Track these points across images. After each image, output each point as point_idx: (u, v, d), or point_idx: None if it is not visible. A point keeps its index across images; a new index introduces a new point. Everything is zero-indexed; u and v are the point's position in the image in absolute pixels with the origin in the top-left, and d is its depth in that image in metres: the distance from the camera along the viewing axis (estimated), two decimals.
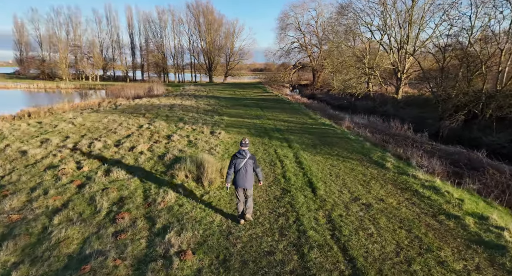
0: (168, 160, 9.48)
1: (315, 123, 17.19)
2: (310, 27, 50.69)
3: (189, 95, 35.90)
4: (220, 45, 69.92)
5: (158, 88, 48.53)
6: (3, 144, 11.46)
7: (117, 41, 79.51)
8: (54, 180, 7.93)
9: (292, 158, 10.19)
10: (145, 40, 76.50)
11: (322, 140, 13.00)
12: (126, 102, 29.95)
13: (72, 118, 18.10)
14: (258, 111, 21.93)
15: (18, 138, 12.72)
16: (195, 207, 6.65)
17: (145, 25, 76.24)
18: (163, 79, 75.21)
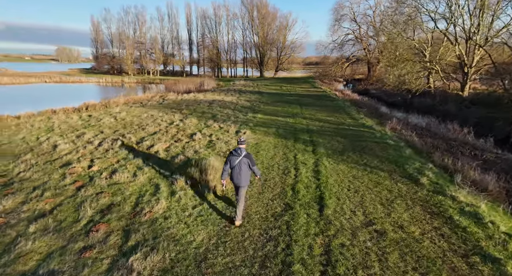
0: (178, 162, 9.24)
1: (353, 124, 15.64)
2: (366, 17, 47.12)
3: (234, 90, 36.03)
4: (272, 39, 69.09)
5: (209, 83, 49.84)
6: (45, 137, 12.47)
7: (176, 37, 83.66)
8: (58, 180, 8.10)
9: (310, 166, 9.21)
10: (201, 36, 79.14)
11: (354, 144, 11.66)
12: (174, 97, 31.14)
13: (117, 113, 19.16)
14: (296, 109, 20.87)
15: (62, 131, 13.76)
16: (180, 222, 6.16)
17: (201, 21, 78.82)
18: (216, 74, 77.27)
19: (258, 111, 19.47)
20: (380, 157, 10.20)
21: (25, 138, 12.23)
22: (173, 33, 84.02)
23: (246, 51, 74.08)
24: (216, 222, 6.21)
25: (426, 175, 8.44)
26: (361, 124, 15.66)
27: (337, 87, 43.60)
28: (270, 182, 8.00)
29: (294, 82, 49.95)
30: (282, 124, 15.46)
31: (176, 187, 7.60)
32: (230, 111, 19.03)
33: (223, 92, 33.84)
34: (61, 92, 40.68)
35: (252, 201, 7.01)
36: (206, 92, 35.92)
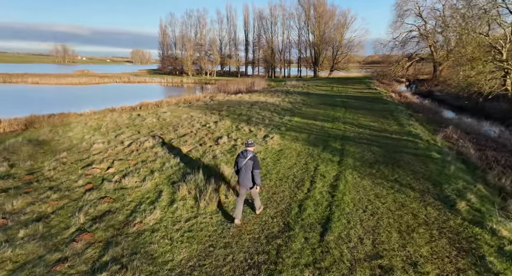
0: (192, 168, 9.17)
1: (398, 131, 14.02)
2: (434, 12, 42.44)
3: (282, 91, 35.52)
4: (328, 37, 66.73)
5: (260, 83, 50.08)
6: (89, 135, 13.58)
7: (233, 38, 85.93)
8: (73, 181, 8.40)
9: (330, 179, 8.37)
10: (257, 37, 79.99)
11: (389, 156, 10.36)
12: (222, 97, 31.86)
13: (163, 113, 20.13)
14: (340, 112, 19.58)
15: (106, 130, 14.86)
16: (166, 237, 5.85)
17: (258, 22, 79.64)
18: (269, 74, 77.40)
19: (297, 114, 18.74)
20: (416, 172, 8.87)
21: (72, 136, 13.46)
22: (230, 35, 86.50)
23: (301, 51, 72.78)
24: (203, 240, 5.80)
25: (466, 199, 7.03)
26: (407, 131, 13.96)
27: (395, 88, 40.18)
28: (277, 196, 7.42)
29: (348, 82, 47.45)
30: (317, 129, 14.56)
31: (177, 196, 7.37)
32: (268, 113, 18.64)
33: (270, 93, 33.57)
34: (126, 91, 44.51)
35: (250, 217, 6.53)
36: (254, 93, 36.05)
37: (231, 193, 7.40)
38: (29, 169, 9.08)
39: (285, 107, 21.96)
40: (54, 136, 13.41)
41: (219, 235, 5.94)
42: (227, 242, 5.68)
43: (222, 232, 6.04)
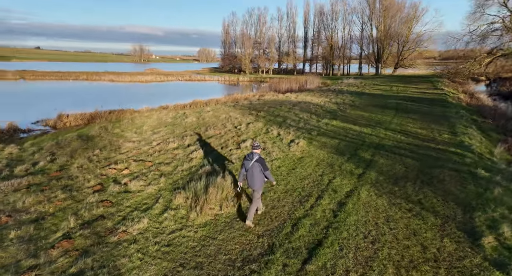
0: (201, 173, 8.98)
1: (447, 141, 12.24)
2: None
3: (334, 91, 34.00)
4: (395, 32, 61.61)
5: (313, 81, 48.78)
6: (130, 133, 14.66)
7: (292, 36, 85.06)
8: (87, 180, 8.67)
9: (341, 195, 7.66)
10: (316, 33, 77.83)
11: (423, 171, 9.09)
12: (270, 96, 31.78)
13: (207, 112, 20.82)
14: (388, 116, 17.91)
15: (147, 128, 15.90)
16: (141, 250, 5.67)
17: (318, 18, 77.37)
18: (327, 72, 74.79)
19: (337, 117, 17.69)
20: (447, 193, 7.62)
21: (116, 133, 14.68)
22: (289, 32, 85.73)
23: (362, 47, 68.61)
24: (177, 257, 5.52)
25: (498, 233, 5.79)
26: (457, 142, 12.12)
27: (468, 88, 35.34)
28: (274, 212, 6.98)
29: (413, 81, 43.29)
30: (353, 135, 13.52)
31: (173, 204, 7.24)
32: (307, 115, 17.94)
33: (320, 93, 32.38)
34: (185, 89, 47.13)
35: (235, 234, 6.19)
36: (304, 92, 35.18)
37: (228, 204, 7.20)
38: (62, 165, 9.94)
39: (328, 108, 20.93)
40: (101, 132, 14.78)
41: (196, 253, 5.65)
42: (199, 262, 5.38)
43: (200, 249, 5.75)
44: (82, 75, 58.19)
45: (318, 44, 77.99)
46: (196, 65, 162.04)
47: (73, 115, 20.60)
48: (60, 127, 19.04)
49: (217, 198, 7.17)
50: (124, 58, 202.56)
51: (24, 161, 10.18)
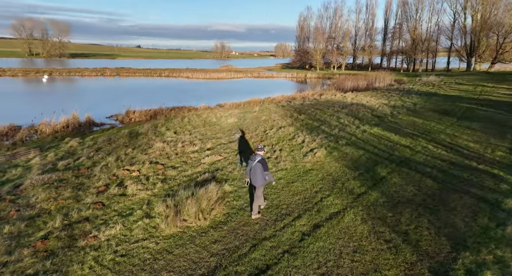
0: (198, 181, 9.10)
1: (495, 161, 10.30)
2: None
3: (401, 91, 31.20)
4: (495, 21, 52.38)
5: (384, 78, 45.32)
6: (171, 132, 16.13)
7: (370, 28, 79.65)
8: (98, 180, 9.15)
9: (322, 217, 7.16)
10: (398, 25, 71.31)
11: (434, 196, 7.96)
12: (328, 96, 30.85)
13: (251, 112, 21.47)
14: (444, 124, 15.81)
15: (190, 127, 17.26)
16: (97, 258, 5.85)
17: (401, 8, 70.69)
18: (408, 67, 67.96)
19: (382, 124, 16.34)
20: (447, 225, 6.64)
21: (160, 131, 16.34)
22: (368, 25, 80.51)
23: (452, 40, 60.15)
24: (124, 269, 5.59)
25: None
26: (508, 163, 10.13)
27: None
28: (243, 229, 6.80)
29: (509, 79, 36.48)
30: (384, 146, 12.45)
31: (153, 212, 7.34)
32: (348, 121, 17.03)
33: (384, 93, 30.00)
34: (249, 86, 48.34)
35: (191, 251, 6.14)
36: (367, 91, 33.05)
37: (203, 216, 7.12)
38: (95, 162, 10.96)
39: (379, 112, 19.40)
40: (149, 130, 16.61)
41: (143, 267, 5.67)
42: None
43: (149, 263, 5.76)
44: (165, 72, 64.88)
45: (399, 37, 71.40)
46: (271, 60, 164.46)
47: (139, 111, 23.39)
48: (126, 122, 21.91)
49: (193, 210, 7.09)
50: (207, 55, 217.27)
51: (75, 155, 12.21)
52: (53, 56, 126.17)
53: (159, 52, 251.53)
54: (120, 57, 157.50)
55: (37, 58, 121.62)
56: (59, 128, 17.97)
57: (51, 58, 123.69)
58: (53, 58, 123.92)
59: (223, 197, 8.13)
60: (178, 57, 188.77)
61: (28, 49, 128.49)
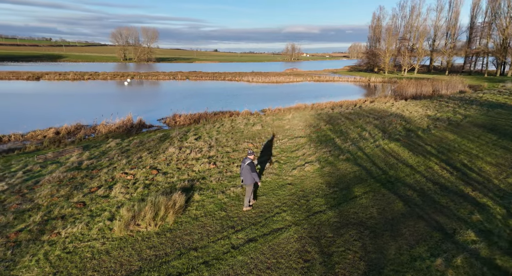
0: (179, 187, 9.74)
1: (499, 188, 9.12)
2: None
3: (464, 100, 28.02)
4: None
5: (456, 85, 40.75)
6: (193, 138, 17.80)
7: (453, 28, 71.48)
8: (98, 181, 10.11)
9: (257, 233, 7.80)
10: (486, 24, 62.48)
11: (391, 220, 7.66)
12: (373, 104, 29.52)
13: (282, 119, 22.04)
14: (477, 143, 14.13)
15: (215, 133, 18.69)
16: (48, 252, 6.55)
17: (491, 4, 61.77)
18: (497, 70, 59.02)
19: (405, 139, 15.35)
20: (377, 251, 6.52)
21: (184, 137, 18.14)
22: (450, 23, 72.23)
23: None
24: (62, 264, 6.22)
25: None
26: (510, 191, 8.90)
27: None
28: (172, 241, 7.13)
29: None
30: (385, 164, 11.93)
31: (118, 214, 7.90)
32: (370, 133, 16.39)
33: (438, 103, 27.33)
34: (303, 91, 48.14)
35: (126, 254, 6.65)
36: (422, 100, 30.38)
37: (155, 223, 7.60)
38: (111, 164, 12.53)
39: (413, 126, 18.08)
40: (178, 135, 18.62)
41: (77, 265, 6.29)
42: (70, 273, 6.06)
43: (86, 262, 6.37)
44: (228, 76, 68.72)
45: (487, 37, 62.50)
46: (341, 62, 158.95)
47: (184, 115, 25.94)
48: (171, 125, 24.61)
49: (148, 216, 7.61)
50: (278, 58, 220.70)
51: (105, 155, 14.61)
52: (142, 61, 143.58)
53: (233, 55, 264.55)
54: (198, 61, 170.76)
55: (130, 62, 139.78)
56: (113, 129, 21.28)
57: (141, 62, 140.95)
58: (142, 62, 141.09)
59: (186, 205, 8.70)
60: (249, 60, 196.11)
61: (123, 55, 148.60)
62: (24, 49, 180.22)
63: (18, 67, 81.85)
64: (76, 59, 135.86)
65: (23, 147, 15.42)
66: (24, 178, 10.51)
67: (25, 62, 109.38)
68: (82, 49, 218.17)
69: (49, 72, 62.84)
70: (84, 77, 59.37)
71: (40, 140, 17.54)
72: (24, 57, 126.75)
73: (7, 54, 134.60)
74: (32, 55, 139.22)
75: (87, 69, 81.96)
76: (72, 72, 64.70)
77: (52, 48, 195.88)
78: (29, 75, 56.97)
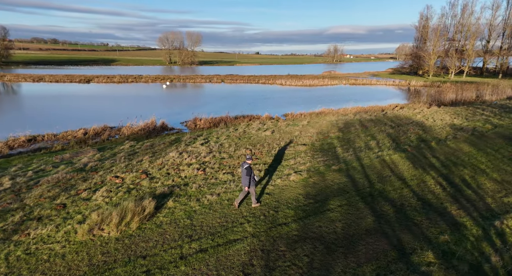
0: (156, 193, 9.97)
1: (489, 208, 8.32)
2: None
3: (504, 108, 25.29)
4: None
5: (504, 90, 37.01)
6: (199, 143, 18.44)
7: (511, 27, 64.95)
8: (87, 184, 10.71)
9: (204, 245, 8.00)
10: None
11: (352, 237, 7.40)
12: (406, 110, 28.01)
13: (295, 125, 21.94)
14: (491, 156, 12.92)
15: (223, 137, 19.20)
16: (11, 252, 6.93)
17: None
18: None
19: (413, 150, 14.49)
20: (326, 268, 6.41)
21: (192, 141, 18.85)
22: (507, 23, 65.57)
23: None
24: (18, 265, 6.53)
25: None
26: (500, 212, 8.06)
27: None
28: (126, 248, 7.30)
29: None
30: (376, 176, 11.43)
31: (89, 218, 8.20)
32: (378, 143, 15.73)
33: (472, 110, 25.23)
34: (334, 94, 46.78)
35: (80, 259, 6.80)
36: (457, 107, 28.10)
37: (118, 229, 7.80)
38: (112, 166, 13.49)
39: (430, 136, 16.96)
40: (187, 140, 19.41)
41: (30, 266, 6.55)
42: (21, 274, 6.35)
43: (40, 264, 6.63)
44: (262, 79, 69.26)
45: None
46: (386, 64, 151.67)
47: (204, 119, 26.87)
48: (191, 128, 25.66)
49: (113, 222, 7.82)
50: (319, 59, 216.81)
51: (112, 157, 15.76)
52: (186, 64, 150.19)
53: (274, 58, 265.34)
54: (238, 64, 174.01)
55: (174, 65, 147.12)
56: (136, 131, 22.81)
57: (184, 65, 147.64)
58: (185, 65, 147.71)
59: (156, 212, 8.86)
60: (289, 62, 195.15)
61: (169, 58, 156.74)
62: (83, 53, 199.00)
63: (74, 71, 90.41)
64: (127, 62, 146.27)
65: (51, 146, 17.31)
66: (32, 178, 11.64)
67: (83, 66, 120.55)
68: (133, 53, 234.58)
69: (99, 75, 68.53)
70: (128, 80, 63.88)
71: (69, 140, 19.46)
72: (82, 61, 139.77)
73: (68, 58, 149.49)
74: (90, 59, 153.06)
75: (134, 72, 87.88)
76: (119, 75, 69.95)
77: (107, 53, 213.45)
78: (81, 78, 62.80)
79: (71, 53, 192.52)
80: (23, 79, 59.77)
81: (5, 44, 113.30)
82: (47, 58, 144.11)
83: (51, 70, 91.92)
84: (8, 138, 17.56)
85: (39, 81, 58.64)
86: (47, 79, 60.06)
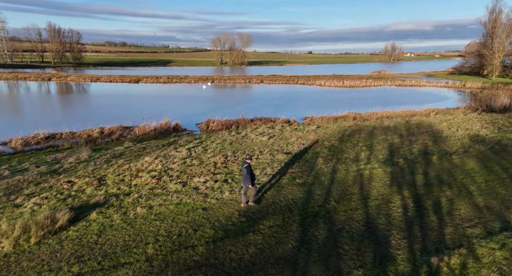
0: (89, 202, 9.82)
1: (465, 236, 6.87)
2: None
3: None
4: None
5: None
6: (194, 144, 18.57)
7: None
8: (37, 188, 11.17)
9: (138, 257, 7.80)
10: None
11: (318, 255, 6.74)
12: (438, 117, 25.09)
13: (298, 130, 21.04)
14: (493, 176, 10.77)
15: (221, 141, 19.10)
16: None
17: None
18: None
19: (407, 163, 12.80)
20: None
21: (185, 144, 19.05)
22: None
23: None
24: None
25: None
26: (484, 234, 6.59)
27: None
28: (10, 265, 6.94)
29: None
30: (340, 193, 10.28)
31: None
32: (372, 154, 14.22)
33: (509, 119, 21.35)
34: (371, 96, 43.36)
35: None
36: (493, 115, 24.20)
37: (20, 241, 7.62)
38: (98, 167, 15.26)
39: (436, 148, 14.87)
40: (185, 143, 19.72)
41: None
42: None
43: None
44: (301, 80, 67.75)
45: None
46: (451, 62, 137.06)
47: (217, 121, 27.02)
48: (203, 130, 26.01)
49: (16, 235, 7.57)
50: (374, 58, 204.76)
51: (96, 159, 16.55)
52: (236, 64, 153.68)
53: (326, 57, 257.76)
54: (288, 64, 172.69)
55: (225, 66, 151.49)
56: (148, 131, 23.80)
57: (234, 66, 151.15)
58: (235, 66, 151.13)
59: (71, 224, 8.50)
60: (341, 61, 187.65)
61: (220, 59, 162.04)
62: (146, 55, 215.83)
63: (130, 72, 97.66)
64: (182, 63, 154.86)
65: (62, 145, 18.95)
66: (5, 177, 12.47)
67: (142, 67, 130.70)
68: (189, 54, 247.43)
69: (148, 76, 73.56)
70: (173, 81, 67.47)
71: (84, 138, 21.10)
72: (143, 62, 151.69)
73: (131, 60, 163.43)
74: (150, 60, 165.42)
75: (186, 73, 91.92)
76: (165, 76, 74.18)
77: (166, 54, 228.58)
78: (132, 78, 67.99)
79: (135, 55, 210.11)
80: (83, 79, 66.83)
81: (79, 47, 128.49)
82: (114, 59, 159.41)
83: (112, 71, 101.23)
84: (29, 135, 19.69)
85: (96, 81, 64.99)
86: (103, 79, 66.25)
